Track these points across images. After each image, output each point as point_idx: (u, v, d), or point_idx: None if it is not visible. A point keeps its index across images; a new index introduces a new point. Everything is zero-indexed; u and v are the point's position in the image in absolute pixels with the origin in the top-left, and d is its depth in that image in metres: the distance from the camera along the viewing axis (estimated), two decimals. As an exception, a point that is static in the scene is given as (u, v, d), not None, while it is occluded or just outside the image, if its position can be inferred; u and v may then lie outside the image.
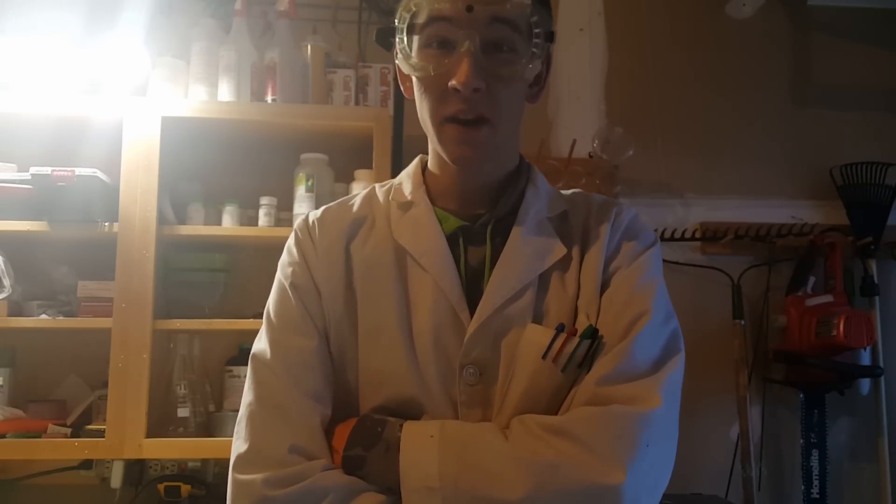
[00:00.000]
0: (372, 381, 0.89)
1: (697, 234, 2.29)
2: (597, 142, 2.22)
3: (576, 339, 0.84)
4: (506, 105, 0.86)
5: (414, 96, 0.92)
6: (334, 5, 2.29)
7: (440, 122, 0.86)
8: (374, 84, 2.08)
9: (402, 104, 2.09)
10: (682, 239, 2.27)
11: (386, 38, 0.91)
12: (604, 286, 0.89)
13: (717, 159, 2.37)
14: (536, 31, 0.86)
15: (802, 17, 2.46)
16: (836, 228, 2.28)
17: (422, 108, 0.89)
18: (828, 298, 2.18)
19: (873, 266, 2.27)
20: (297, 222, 0.98)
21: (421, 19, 0.85)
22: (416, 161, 1.01)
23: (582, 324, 0.87)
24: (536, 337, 0.86)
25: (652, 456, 0.79)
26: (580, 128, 2.31)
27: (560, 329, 0.85)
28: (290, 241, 0.96)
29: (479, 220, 0.93)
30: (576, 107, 2.36)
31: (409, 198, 0.95)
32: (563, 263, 0.91)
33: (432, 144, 0.92)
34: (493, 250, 0.91)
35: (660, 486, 0.81)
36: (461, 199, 0.94)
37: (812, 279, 2.24)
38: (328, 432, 0.87)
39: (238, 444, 0.85)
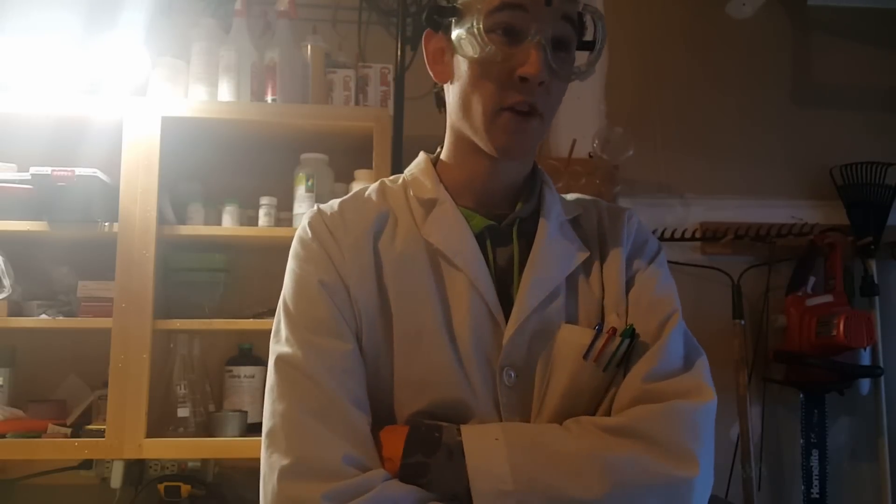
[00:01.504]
0: (413, 384, 0.85)
1: (697, 234, 2.28)
2: (597, 142, 2.22)
3: (617, 339, 0.85)
4: (556, 101, 0.88)
5: (447, 80, 0.91)
6: (334, 5, 2.29)
7: (496, 110, 0.85)
8: (374, 84, 2.08)
9: (402, 104, 2.09)
10: (682, 239, 2.27)
11: (437, 17, 0.89)
12: (627, 286, 0.91)
13: (717, 159, 2.37)
14: (601, 35, 0.89)
15: (802, 17, 2.46)
16: (836, 228, 2.28)
17: (470, 95, 0.86)
18: (828, 298, 2.18)
19: (873, 266, 2.27)
20: (310, 215, 0.93)
21: (492, 4, 0.84)
22: (422, 158, 0.98)
23: (613, 322, 0.88)
24: (574, 337, 0.86)
25: (711, 447, 0.82)
26: (580, 128, 2.30)
27: (599, 329, 0.85)
28: (305, 235, 0.91)
29: (502, 219, 0.92)
30: (576, 107, 2.35)
31: (431, 195, 0.92)
32: (587, 265, 0.92)
33: (468, 131, 0.89)
34: (520, 251, 0.91)
35: (713, 476, 0.83)
36: (482, 197, 0.93)
37: (812, 279, 2.24)
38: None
39: (277, 458, 0.79)
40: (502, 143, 0.86)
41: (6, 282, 1.80)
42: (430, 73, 0.93)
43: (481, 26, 0.83)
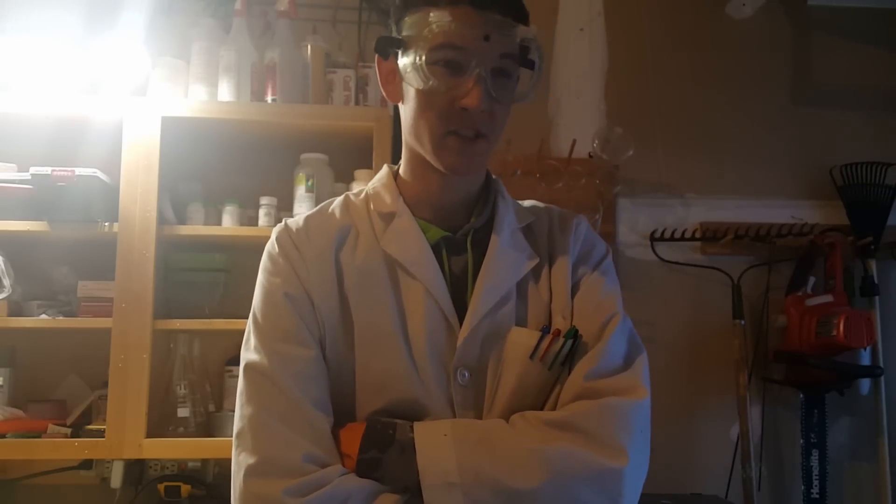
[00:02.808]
0: (372, 385, 0.92)
1: (697, 234, 2.28)
2: (597, 142, 2.22)
3: (561, 340, 0.91)
4: (500, 123, 0.93)
5: (398, 101, 0.96)
6: (334, 5, 2.29)
7: (442, 135, 0.91)
8: (374, 84, 2.08)
9: (402, 104, 2.09)
10: (682, 239, 2.27)
11: (386, 47, 0.94)
12: (573, 291, 0.97)
13: (717, 159, 2.37)
14: (538, 63, 0.93)
15: (802, 17, 2.46)
16: (836, 228, 2.28)
17: (418, 119, 0.92)
18: (828, 298, 2.18)
19: (873, 266, 2.27)
20: (277, 230, 1.00)
21: (434, 39, 0.88)
22: (385, 171, 1.04)
23: (559, 325, 0.95)
24: (522, 339, 0.93)
25: (642, 440, 0.88)
26: (580, 128, 2.30)
27: (545, 331, 0.92)
28: (273, 250, 0.98)
29: (458, 230, 0.98)
30: (576, 107, 2.36)
31: (390, 208, 0.98)
32: (536, 272, 0.99)
33: (420, 150, 0.95)
34: (474, 259, 0.97)
35: (646, 467, 0.89)
36: (439, 210, 0.99)
37: (812, 279, 2.24)
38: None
39: (244, 457, 0.86)
40: (450, 163, 0.92)
41: (6, 282, 1.80)
42: (383, 92, 0.99)
43: (424, 62, 0.89)
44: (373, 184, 1.04)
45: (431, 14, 0.88)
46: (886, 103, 2.45)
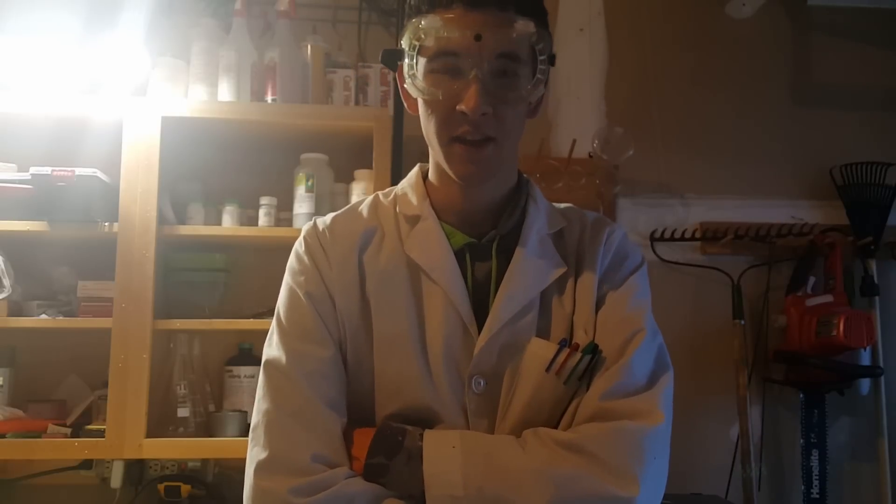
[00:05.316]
0: (388, 389, 0.92)
1: (697, 234, 2.28)
2: (597, 142, 2.22)
3: (578, 354, 0.89)
4: (510, 125, 0.90)
5: (418, 113, 0.94)
6: (334, 5, 2.29)
7: (448, 141, 0.89)
8: (374, 84, 2.08)
9: (402, 104, 2.09)
10: (682, 239, 2.27)
11: (391, 59, 0.93)
12: (597, 304, 0.94)
13: (717, 159, 2.37)
14: (542, 57, 0.89)
15: (802, 17, 2.46)
16: (836, 228, 2.28)
17: (428, 127, 0.92)
18: (828, 298, 2.18)
19: (873, 266, 2.27)
20: (306, 229, 0.99)
21: (429, 45, 0.87)
22: (415, 171, 1.02)
23: (580, 339, 0.92)
24: (540, 350, 0.90)
25: (657, 468, 0.85)
26: (580, 128, 2.30)
27: (563, 344, 0.89)
28: (300, 248, 0.98)
29: (484, 236, 0.96)
30: (576, 107, 2.36)
31: (416, 211, 0.97)
32: (562, 281, 0.96)
33: (436, 159, 0.94)
34: (498, 266, 0.95)
35: (661, 495, 0.86)
36: (465, 215, 0.97)
37: (812, 279, 2.24)
38: (344, 438, 0.89)
39: (256, 452, 0.86)
40: (460, 171, 0.90)
41: (6, 282, 1.80)
42: (405, 104, 0.98)
43: (420, 71, 0.89)
44: (402, 185, 1.03)
45: (423, 21, 0.87)
46: (886, 103, 2.45)
